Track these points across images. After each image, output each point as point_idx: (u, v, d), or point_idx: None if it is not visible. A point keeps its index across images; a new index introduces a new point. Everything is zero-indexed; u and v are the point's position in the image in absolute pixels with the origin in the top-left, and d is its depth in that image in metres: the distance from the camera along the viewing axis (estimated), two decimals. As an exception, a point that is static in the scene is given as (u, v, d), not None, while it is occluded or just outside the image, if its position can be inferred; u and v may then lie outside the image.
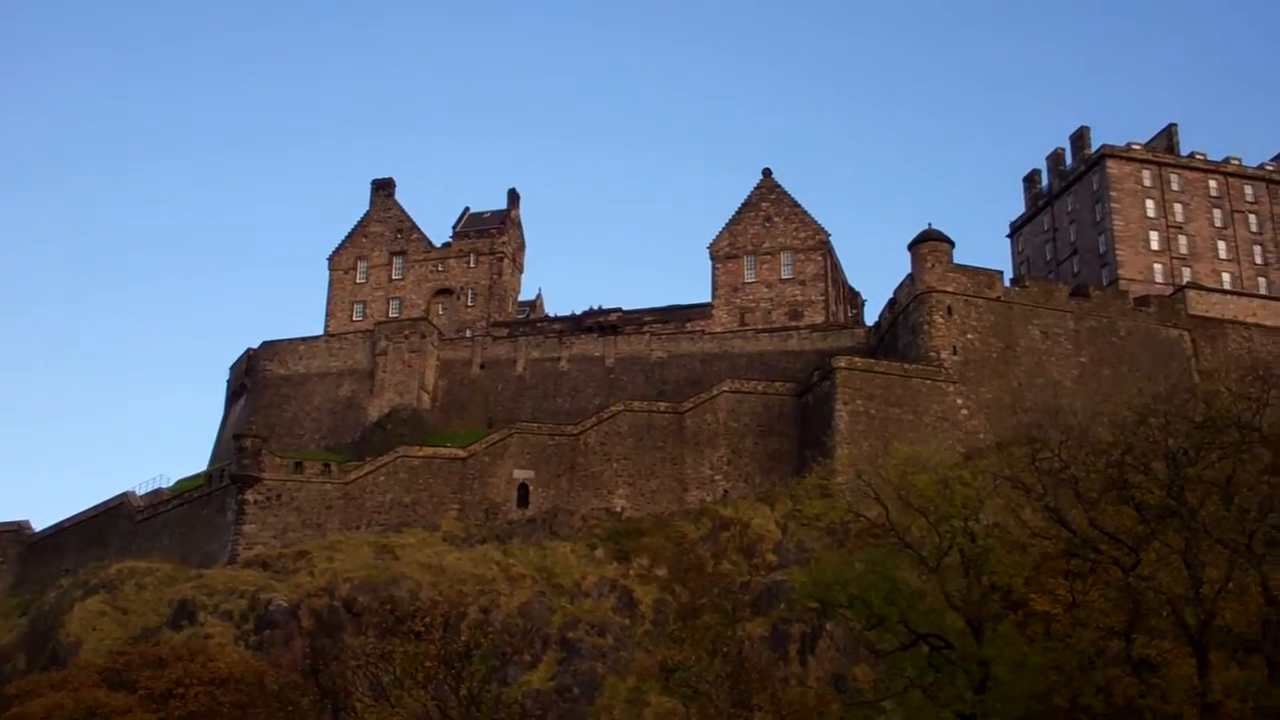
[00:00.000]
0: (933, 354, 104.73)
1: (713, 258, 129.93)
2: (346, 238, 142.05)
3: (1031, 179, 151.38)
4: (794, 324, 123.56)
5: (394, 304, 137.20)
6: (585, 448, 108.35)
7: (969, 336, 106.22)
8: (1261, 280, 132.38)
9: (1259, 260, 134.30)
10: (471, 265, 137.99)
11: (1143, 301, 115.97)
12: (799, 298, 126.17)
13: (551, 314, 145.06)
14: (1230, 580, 54.38)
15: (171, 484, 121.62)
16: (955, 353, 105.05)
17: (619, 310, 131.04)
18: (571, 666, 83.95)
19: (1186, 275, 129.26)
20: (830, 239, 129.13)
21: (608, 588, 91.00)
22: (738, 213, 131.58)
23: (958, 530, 60.26)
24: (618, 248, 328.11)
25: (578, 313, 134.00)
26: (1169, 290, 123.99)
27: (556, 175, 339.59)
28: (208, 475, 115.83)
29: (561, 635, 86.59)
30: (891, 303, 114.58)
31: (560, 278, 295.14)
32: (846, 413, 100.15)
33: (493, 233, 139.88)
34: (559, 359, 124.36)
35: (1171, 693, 53.91)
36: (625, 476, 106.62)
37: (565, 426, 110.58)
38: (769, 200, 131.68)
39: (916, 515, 61.74)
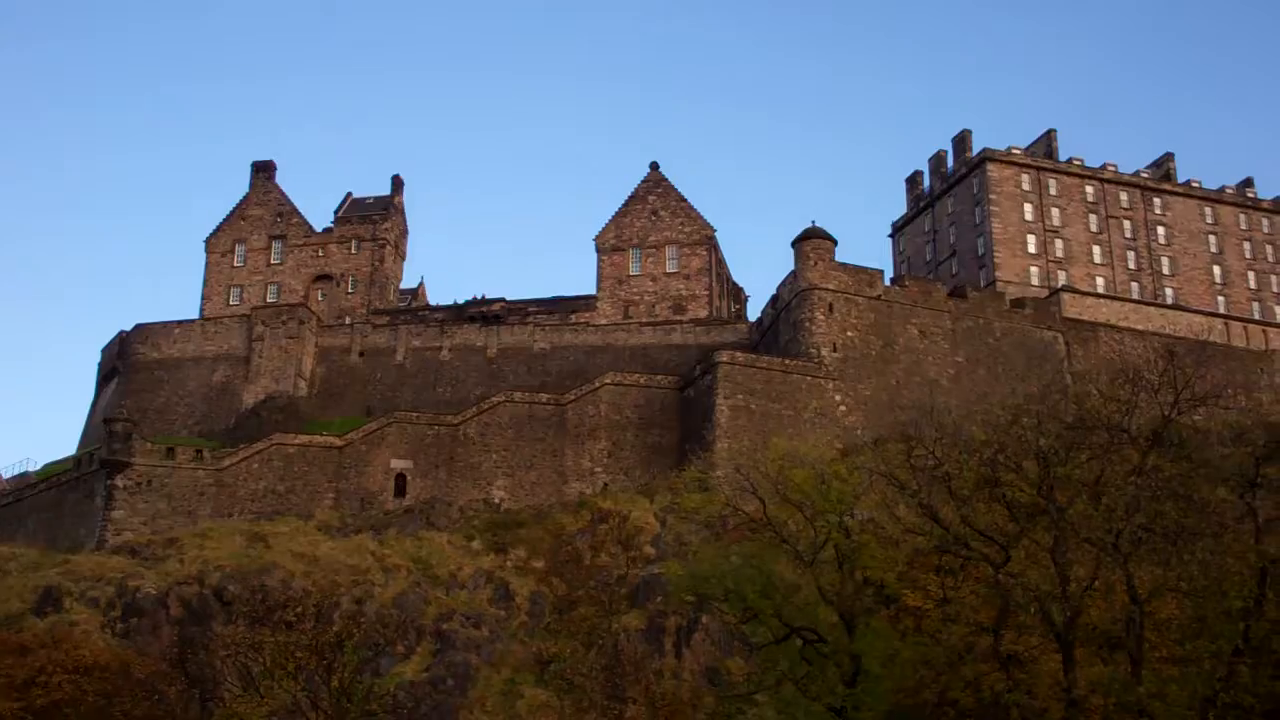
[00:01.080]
0: (813, 350, 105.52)
1: (598, 250, 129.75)
2: (225, 220, 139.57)
3: (914, 180, 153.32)
4: (678, 318, 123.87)
5: (272, 289, 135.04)
6: (465, 438, 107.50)
7: (849, 334, 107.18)
8: (1134, 285, 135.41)
9: (1132, 265, 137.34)
10: (353, 251, 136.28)
11: (1019, 303, 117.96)
12: (683, 292, 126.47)
13: (434, 303, 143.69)
14: (1096, 578, 55.40)
15: (39, 467, 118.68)
16: (835, 350, 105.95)
17: (503, 300, 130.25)
18: (445, 658, 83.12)
19: (1062, 278, 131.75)
20: (716, 234, 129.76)
21: (484, 579, 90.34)
22: (624, 205, 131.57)
23: (833, 525, 60.85)
24: (503, 238, 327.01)
25: (460, 302, 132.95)
26: (1044, 293, 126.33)
27: (443, 163, 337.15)
28: (76, 459, 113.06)
29: (436, 627, 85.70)
30: (774, 299, 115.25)
31: (444, 266, 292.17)
32: (727, 407, 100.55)
33: (375, 219, 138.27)
34: (440, 348, 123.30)
35: (1038, 688, 54.79)
36: (505, 468, 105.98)
37: (445, 416, 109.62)
38: (656, 194, 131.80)
39: (793, 510, 62.21)
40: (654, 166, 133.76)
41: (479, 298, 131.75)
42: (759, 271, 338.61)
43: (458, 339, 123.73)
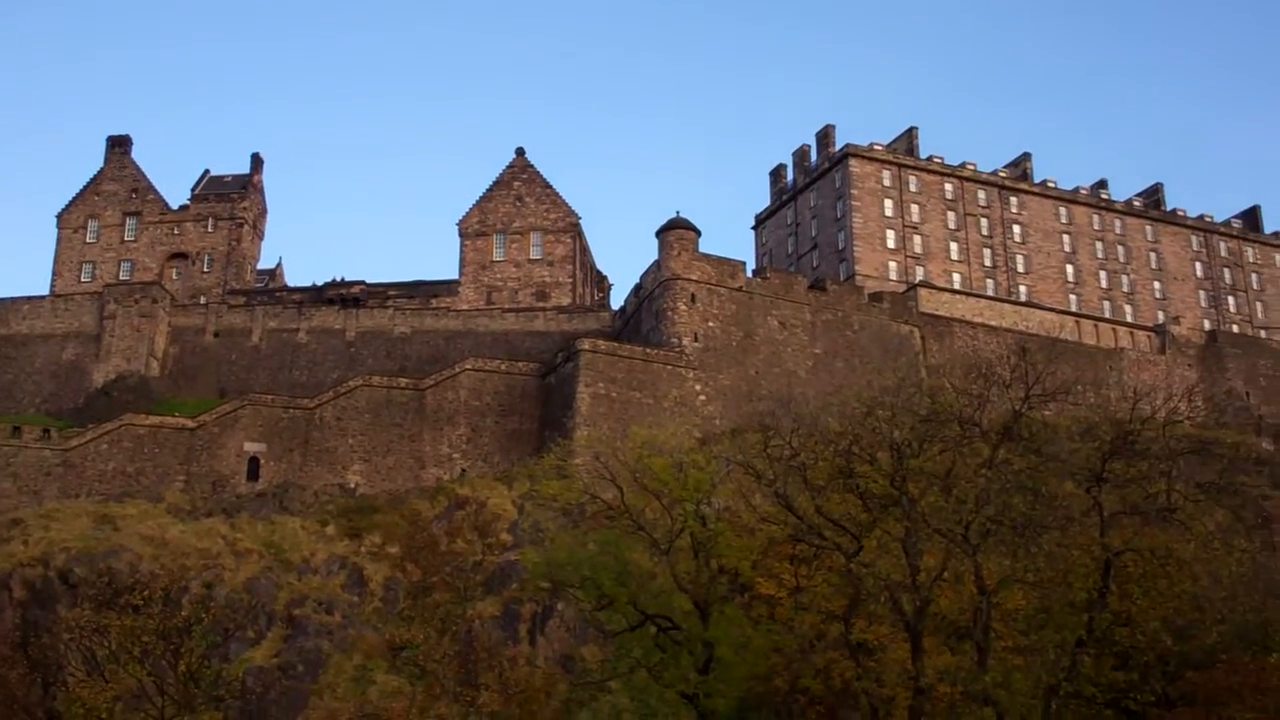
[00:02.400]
0: (675, 340, 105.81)
1: (462, 235, 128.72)
2: (78, 195, 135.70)
3: (778, 174, 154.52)
4: (540, 305, 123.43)
5: (125, 266, 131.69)
6: (321, 422, 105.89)
7: (710, 324, 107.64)
8: (989, 282, 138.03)
9: (988, 263, 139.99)
10: (209, 230, 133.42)
11: (877, 297, 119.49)
12: (547, 279, 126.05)
13: (292, 284, 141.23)
14: (946, 568, 56.29)
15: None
16: (696, 339, 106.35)
17: (362, 283, 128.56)
18: (296, 644, 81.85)
19: (920, 274, 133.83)
20: (580, 222, 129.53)
21: (337, 565, 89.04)
22: (489, 191, 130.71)
23: (690, 514, 61.01)
24: (365, 221, 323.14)
25: (319, 284, 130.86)
26: (902, 288, 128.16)
27: (304, 144, 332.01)
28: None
29: (287, 612, 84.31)
30: (637, 288, 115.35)
31: (303, 248, 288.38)
32: (588, 395, 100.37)
33: (233, 197, 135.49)
34: (297, 330, 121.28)
35: (886, 676, 55.51)
36: (361, 452, 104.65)
37: (301, 400, 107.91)
38: (521, 180, 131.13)
39: (651, 498, 62.31)
40: (520, 152, 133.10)
41: (338, 280, 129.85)
42: (623, 260, 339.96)
43: (316, 321, 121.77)
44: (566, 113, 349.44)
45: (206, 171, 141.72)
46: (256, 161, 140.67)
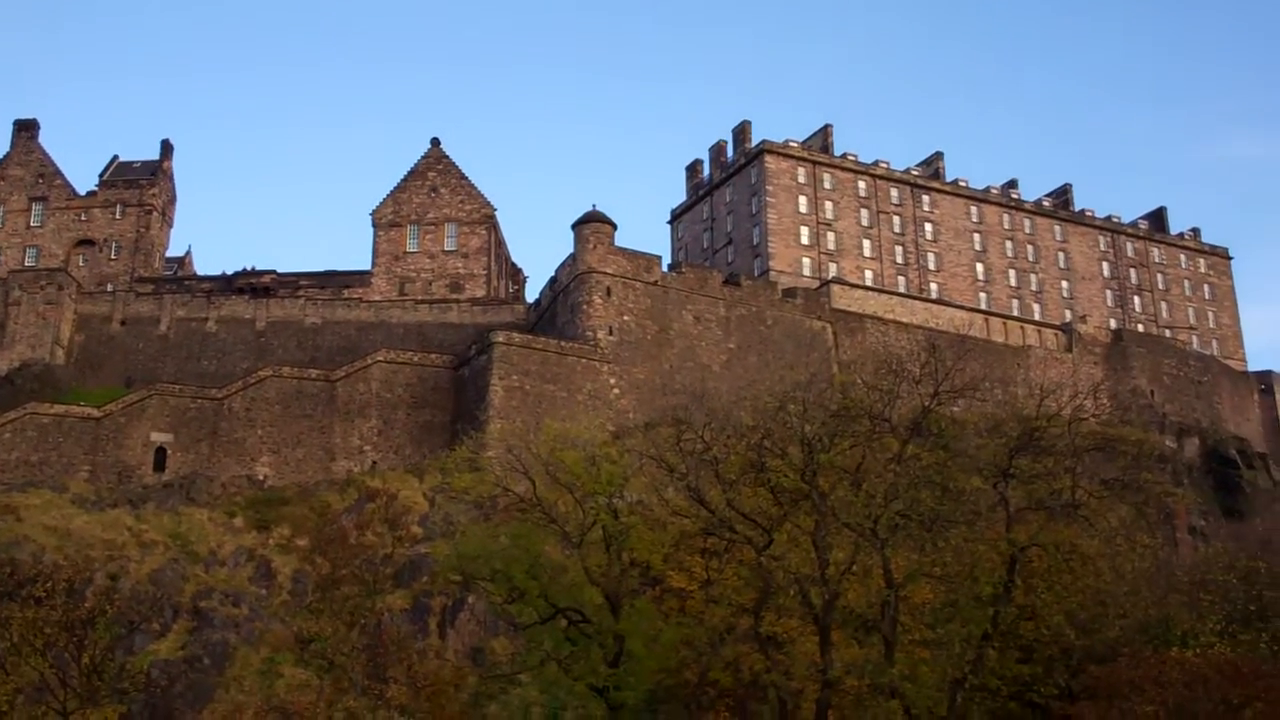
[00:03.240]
0: (589, 333, 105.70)
1: (375, 225, 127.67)
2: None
3: (694, 169, 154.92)
4: (454, 297, 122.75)
5: (31, 252, 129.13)
6: (229, 413, 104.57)
7: (625, 318, 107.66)
8: (901, 279, 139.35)
9: (899, 260, 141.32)
10: (117, 217, 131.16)
11: (790, 293, 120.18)
12: (461, 270, 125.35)
13: (201, 272, 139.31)
14: (854, 562, 56.77)
15: None
16: (611, 333, 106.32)
17: (273, 273, 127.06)
18: (203, 636, 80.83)
19: (833, 270, 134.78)
20: (496, 214, 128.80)
21: (245, 557, 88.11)
22: (404, 181, 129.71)
23: (602, 507, 61.08)
24: (277, 210, 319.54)
25: (229, 273, 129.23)
26: (815, 284, 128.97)
27: (215, 131, 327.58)
28: None
29: (194, 604, 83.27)
30: (553, 281, 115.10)
31: (213, 236, 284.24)
32: (501, 388, 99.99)
33: (143, 184, 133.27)
34: (206, 319, 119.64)
35: (795, 669, 55.94)
36: (270, 444, 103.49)
37: (209, 390, 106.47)
38: (436, 170, 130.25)
39: (563, 491, 62.29)
40: (435, 142, 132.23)
41: (249, 269, 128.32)
42: (539, 253, 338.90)
43: (225, 311, 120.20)
44: (484, 104, 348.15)
45: (115, 157, 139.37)
46: (166, 148, 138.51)
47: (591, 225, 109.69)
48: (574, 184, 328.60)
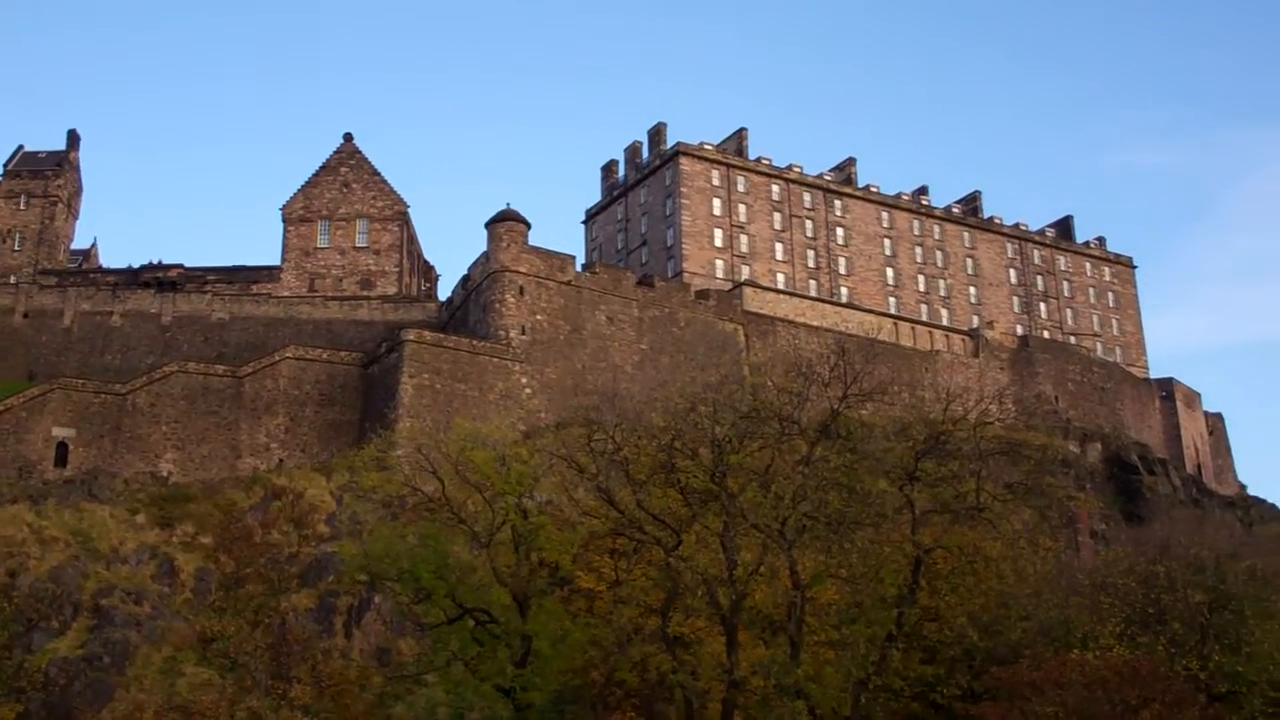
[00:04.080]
0: (502, 333, 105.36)
1: (285, 220, 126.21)
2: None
3: (609, 169, 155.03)
4: (365, 294, 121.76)
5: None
6: (134, 408, 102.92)
7: (538, 317, 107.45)
8: (812, 283, 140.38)
9: (811, 264, 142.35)
10: (21, 207, 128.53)
11: (703, 295, 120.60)
12: (372, 267, 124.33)
13: (107, 265, 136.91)
14: (762, 563, 57.10)
15: None
16: (524, 333, 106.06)
17: (180, 267, 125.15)
18: (103, 634, 79.56)
19: (745, 273, 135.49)
20: (409, 210, 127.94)
21: (148, 554, 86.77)
22: (315, 176, 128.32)
23: (511, 507, 60.90)
24: (186, 203, 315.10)
25: (136, 266, 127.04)
26: (728, 286, 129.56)
27: (124, 122, 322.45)
28: None
29: (94, 602, 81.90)
30: (465, 279, 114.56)
31: (120, 229, 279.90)
32: (412, 386, 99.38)
33: (48, 175, 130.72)
34: (111, 313, 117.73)
35: (702, 670, 56.05)
36: (175, 440, 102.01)
37: (113, 385, 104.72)
38: (349, 166, 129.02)
39: (473, 491, 62.02)
40: (348, 138, 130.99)
41: (155, 263, 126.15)
42: (452, 251, 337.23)
43: (131, 305, 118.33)
44: (398, 100, 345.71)
45: (20, 147, 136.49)
46: (73, 139, 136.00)
47: (505, 224, 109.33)
48: (488, 182, 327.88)
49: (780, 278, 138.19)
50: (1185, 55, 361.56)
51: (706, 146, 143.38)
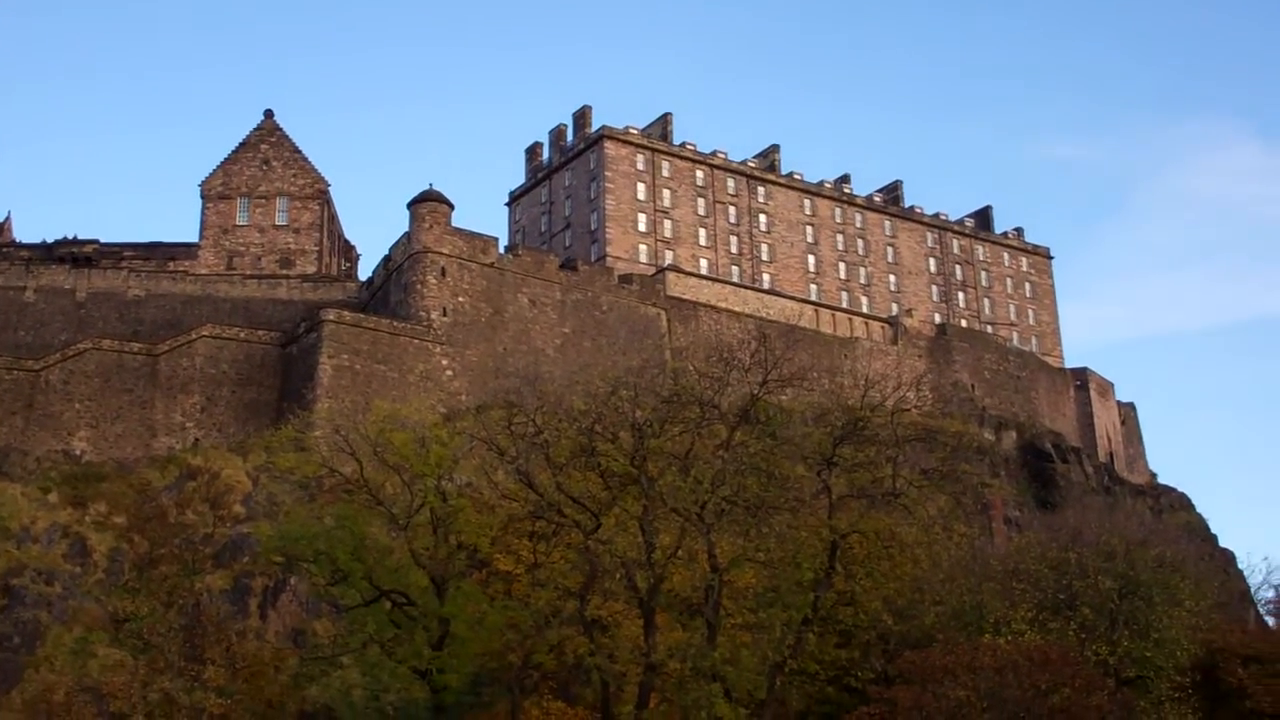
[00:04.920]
0: (423, 314, 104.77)
1: (204, 197, 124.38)
2: None
3: (533, 151, 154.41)
4: (284, 272, 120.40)
5: None
6: (46, 385, 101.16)
7: (460, 299, 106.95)
8: (735, 269, 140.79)
9: (734, 250, 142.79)
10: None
11: (626, 279, 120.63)
12: (292, 246, 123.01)
13: (19, 240, 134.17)
14: (680, 547, 57.50)
15: None
16: (445, 314, 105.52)
17: (96, 242, 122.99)
18: (13, 615, 78.37)
19: (669, 258, 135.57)
20: (330, 189, 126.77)
21: (59, 534, 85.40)
22: (234, 152, 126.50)
23: (430, 489, 60.85)
24: (102, 177, 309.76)
25: (50, 241, 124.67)
26: (651, 271, 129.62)
27: (35, 93, 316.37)
28: None
29: (4, 582, 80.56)
30: (386, 260, 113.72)
31: (34, 203, 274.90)
32: (330, 366, 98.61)
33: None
34: (24, 289, 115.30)
35: (619, 652, 56.38)
36: (89, 418, 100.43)
37: (25, 361, 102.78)
38: (269, 143, 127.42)
39: (391, 473, 61.90)
40: (268, 114, 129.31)
41: (70, 238, 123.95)
42: (374, 231, 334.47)
43: (44, 280, 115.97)
44: (321, 77, 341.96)
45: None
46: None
47: (428, 204, 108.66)
48: (412, 162, 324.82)
49: (703, 263, 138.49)
50: (1105, 49, 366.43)
51: (632, 131, 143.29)
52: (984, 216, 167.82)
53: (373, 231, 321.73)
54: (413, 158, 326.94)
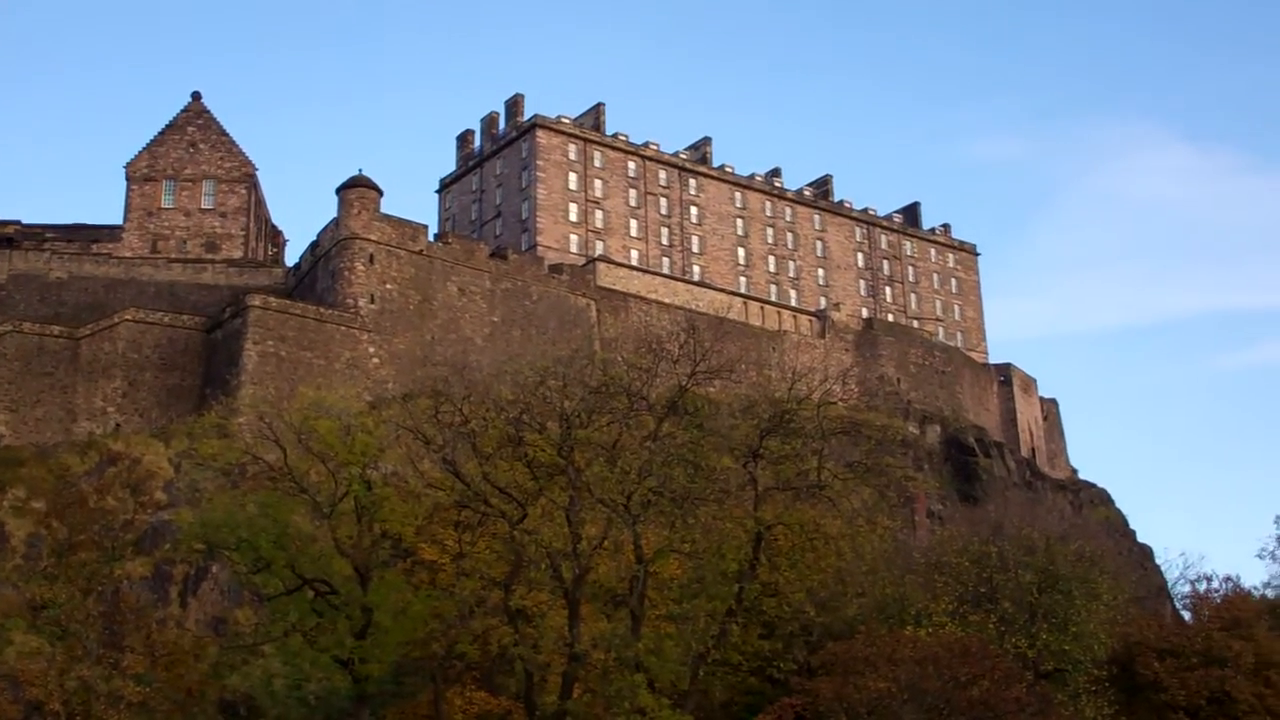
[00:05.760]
0: (350, 301, 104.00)
1: (129, 178, 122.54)
2: None
3: (465, 139, 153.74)
4: (210, 257, 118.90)
5: None
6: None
7: (388, 286, 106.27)
8: (665, 260, 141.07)
9: (665, 241, 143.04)
10: None
11: (556, 269, 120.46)
12: (218, 230, 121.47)
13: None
14: (606, 537, 57.57)
15: None
16: (373, 301, 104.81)
17: (17, 223, 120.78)
18: (-75, 602, 77.02)
19: (599, 248, 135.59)
20: (257, 173, 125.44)
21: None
22: (161, 134, 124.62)
23: (355, 477, 60.57)
24: (23, 157, 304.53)
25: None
26: (582, 261, 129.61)
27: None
28: None
29: (-83, 568, 79.24)
30: (314, 245, 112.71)
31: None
32: (256, 353, 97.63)
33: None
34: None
35: (543, 643, 56.39)
36: (7, 402, 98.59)
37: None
38: (196, 125, 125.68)
39: (316, 461, 61.49)
40: (196, 96, 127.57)
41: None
42: (302, 216, 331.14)
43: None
44: (249, 60, 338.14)
45: None
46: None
47: (356, 190, 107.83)
48: (342, 148, 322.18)
49: (634, 254, 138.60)
50: (1035, 51, 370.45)
51: (564, 120, 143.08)
52: (912, 213, 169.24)
53: (301, 217, 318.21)
54: (343, 143, 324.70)
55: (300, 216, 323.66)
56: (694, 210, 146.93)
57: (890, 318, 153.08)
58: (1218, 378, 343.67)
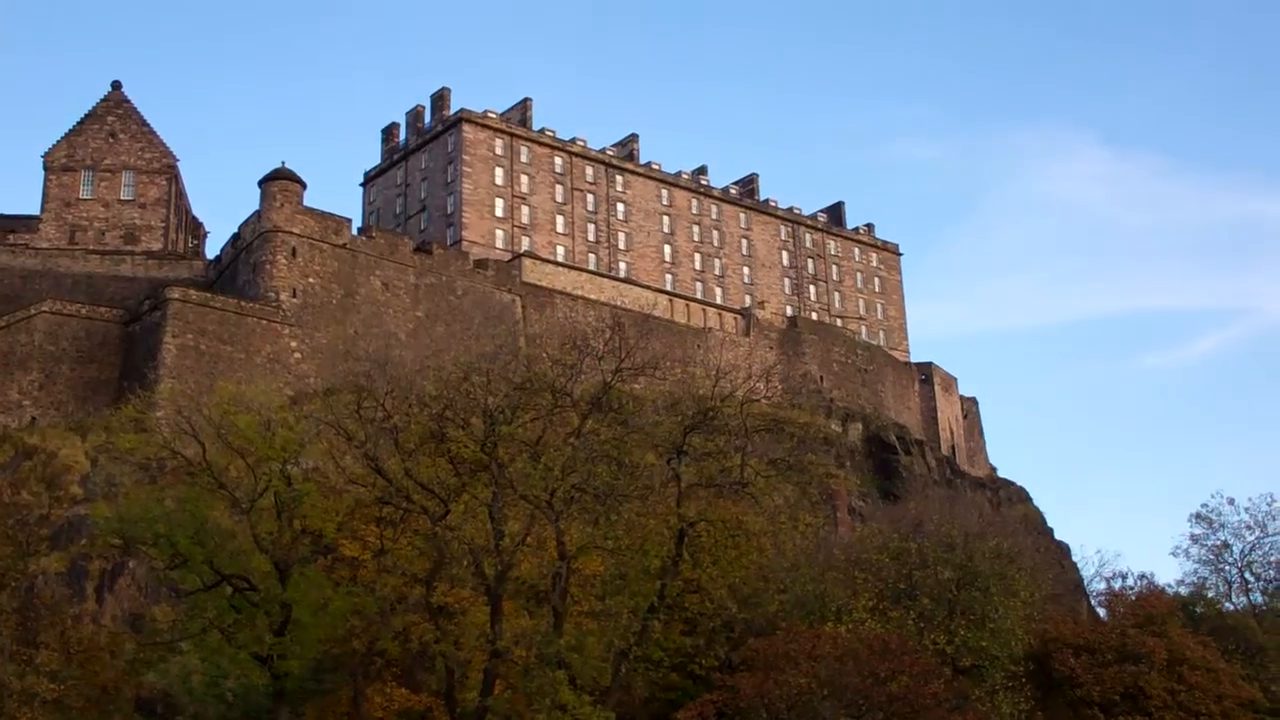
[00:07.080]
0: (272, 294, 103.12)
1: (46, 168, 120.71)
2: None
3: (390, 132, 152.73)
4: (129, 248, 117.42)
5: None
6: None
7: (311, 280, 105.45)
8: (592, 257, 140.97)
9: (591, 238, 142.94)
10: None
11: (481, 264, 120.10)
12: (137, 221, 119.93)
13: None
14: (529, 534, 57.51)
15: None
16: (295, 295, 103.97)
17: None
18: None
19: (525, 244, 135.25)
20: (178, 164, 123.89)
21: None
22: (80, 124, 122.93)
23: (275, 473, 60.15)
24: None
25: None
26: (508, 256, 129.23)
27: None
28: None
29: None
30: (235, 238, 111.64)
31: None
32: (175, 346, 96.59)
33: None
34: None
35: (465, 639, 56.24)
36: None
37: None
38: (116, 115, 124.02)
39: (235, 456, 60.91)
40: (116, 86, 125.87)
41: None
42: (223, 209, 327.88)
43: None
44: (171, 49, 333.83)
45: None
46: None
47: (279, 183, 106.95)
48: (264, 140, 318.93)
49: (560, 250, 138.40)
50: (958, 55, 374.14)
51: (491, 115, 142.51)
52: (836, 212, 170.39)
53: (222, 210, 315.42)
54: (266, 135, 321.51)
55: (222, 209, 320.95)
56: (620, 207, 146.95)
57: (814, 316, 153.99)
58: (1135, 377, 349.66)
